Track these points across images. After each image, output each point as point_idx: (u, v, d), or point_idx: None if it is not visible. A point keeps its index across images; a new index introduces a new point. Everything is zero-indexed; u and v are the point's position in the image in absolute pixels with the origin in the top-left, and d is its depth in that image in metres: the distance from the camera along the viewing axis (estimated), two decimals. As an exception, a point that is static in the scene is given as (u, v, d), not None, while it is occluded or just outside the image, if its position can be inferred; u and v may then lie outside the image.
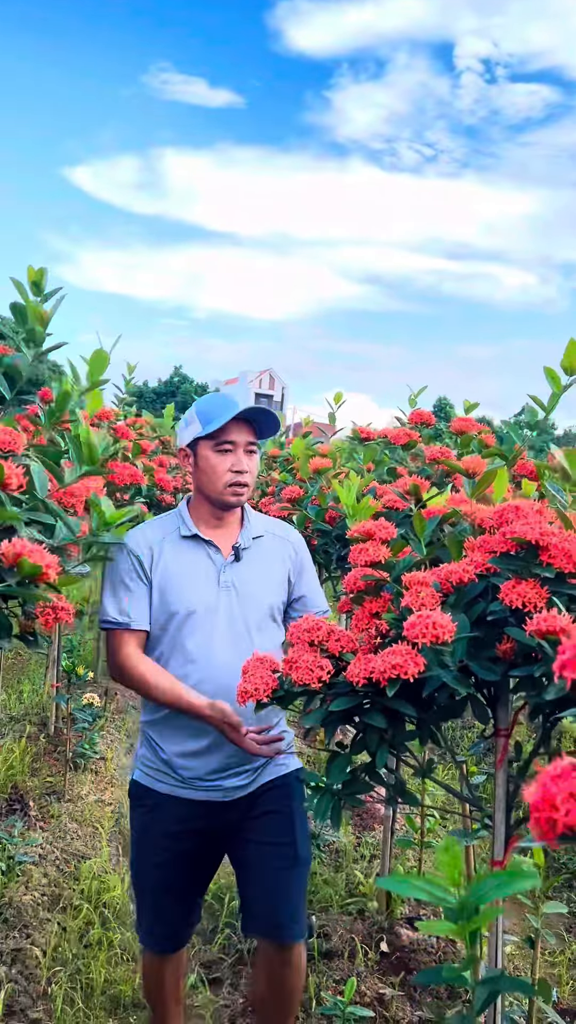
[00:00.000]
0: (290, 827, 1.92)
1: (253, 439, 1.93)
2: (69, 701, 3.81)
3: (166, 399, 36.35)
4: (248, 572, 1.93)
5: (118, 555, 1.95)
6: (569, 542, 1.36)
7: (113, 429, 4.51)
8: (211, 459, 1.91)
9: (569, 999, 2.75)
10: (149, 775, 1.95)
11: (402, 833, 3.25)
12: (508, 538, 1.39)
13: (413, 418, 2.82)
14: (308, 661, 1.51)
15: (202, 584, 1.90)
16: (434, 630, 1.30)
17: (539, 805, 0.63)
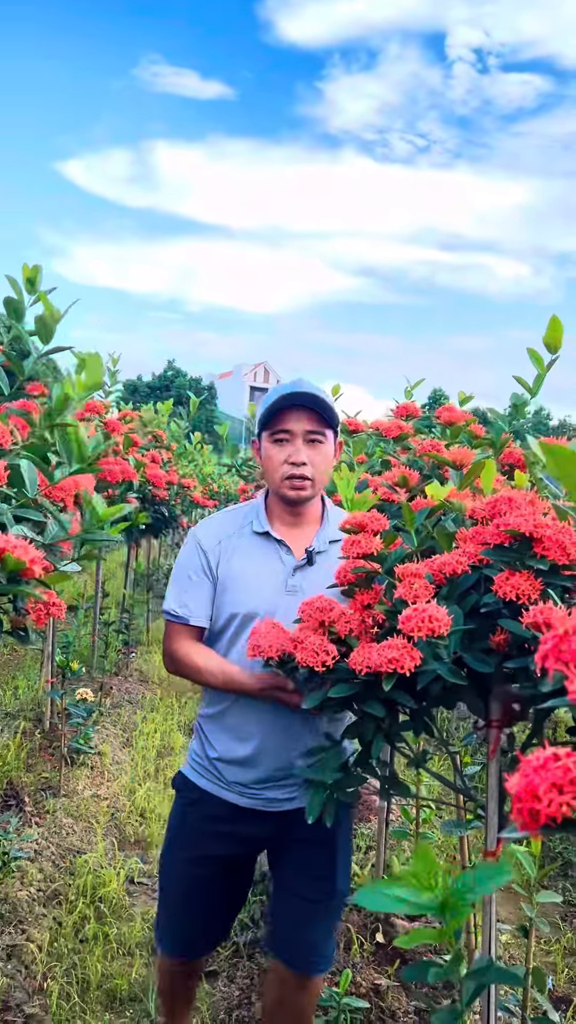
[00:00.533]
0: (331, 859, 1.82)
1: (316, 428, 1.76)
2: (64, 696, 3.81)
3: (160, 393, 36.22)
4: (319, 578, 1.75)
5: (186, 546, 1.87)
6: (563, 534, 1.35)
7: (103, 423, 4.50)
8: (269, 450, 1.79)
9: (564, 987, 2.76)
10: (195, 770, 1.89)
11: (398, 824, 3.26)
12: (502, 530, 1.38)
13: (399, 411, 2.81)
14: (315, 644, 1.50)
15: (267, 587, 1.78)
16: (430, 623, 1.29)
17: (521, 796, 0.62)
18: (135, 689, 5.54)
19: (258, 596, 1.78)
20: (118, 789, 3.86)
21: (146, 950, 2.73)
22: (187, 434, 7.73)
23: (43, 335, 1.94)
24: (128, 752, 4.35)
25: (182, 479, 6.58)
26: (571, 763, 0.64)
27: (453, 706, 1.53)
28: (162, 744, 4.49)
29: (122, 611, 6.20)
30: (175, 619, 1.83)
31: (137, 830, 3.56)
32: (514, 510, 1.44)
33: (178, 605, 1.82)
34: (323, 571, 1.77)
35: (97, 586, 5.57)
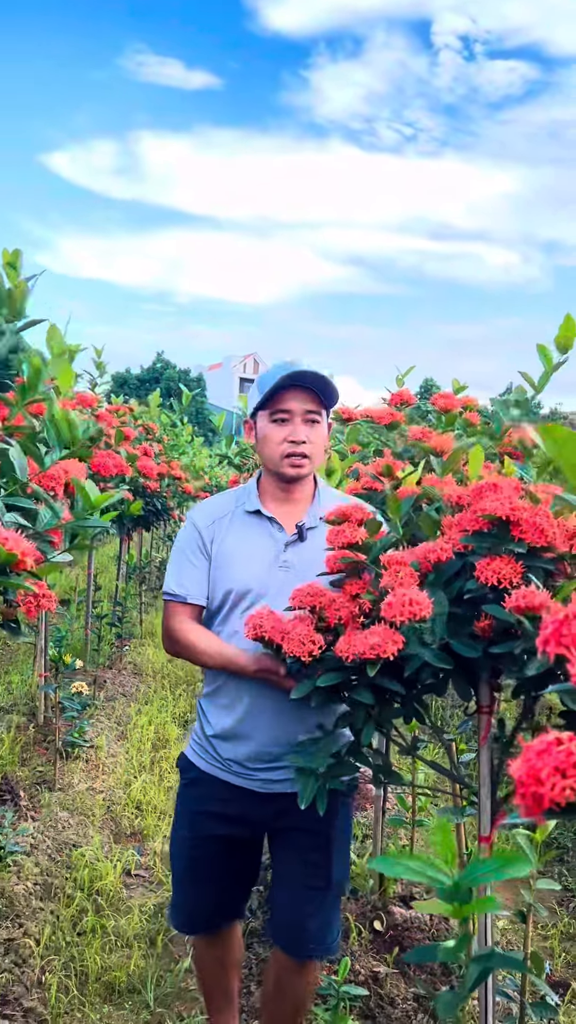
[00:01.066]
0: (327, 848, 1.85)
1: (314, 408, 1.82)
2: (57, 690, 3.80)
3: (149, 385, 36.09)
4: (310, 553, 1.81)
5: (184, 529, 1.92)
6: (540, 516, 1.35)
7: (95, 416, 4.47)
8: (267, 429, 1.83)
9: (562, 972, 2.77)
10: (195, 750, 1.94)
11: (393, 812, 3.26)
12: (479, 515, 1.38)
13: (394, 399, 2.80)
14: (301, 634, 1.50)
15: (260, 562, 1.83)
16: (411, 607, 1.30)
17: (525, 780, 0.62)
18: (129, 682, 5.53)
19: (251, 572, 1.82)
20: (113, 782, 3.85)
21: (144, 942, 2.73)
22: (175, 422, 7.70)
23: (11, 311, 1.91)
24: (123, 745, 4.34)
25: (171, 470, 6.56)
26: (574, 747, 0.63)
27: (443, 693, 1.53)
28: (157, 737, 4.48)
29: (115, 604, 6.18)
30: (173, 598, 1.88)
31: (133, 823, 3.56)
32: (497, 495, 1.43)
33: (176, 585, 1.87)
34: (315, 547, 1.80)
35: (89, 579, 5.55)
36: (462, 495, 1.55)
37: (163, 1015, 2.40)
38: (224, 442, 5.56)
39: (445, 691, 1.53)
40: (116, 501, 4.46)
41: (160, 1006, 2.44)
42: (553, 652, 0.68)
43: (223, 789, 1.87)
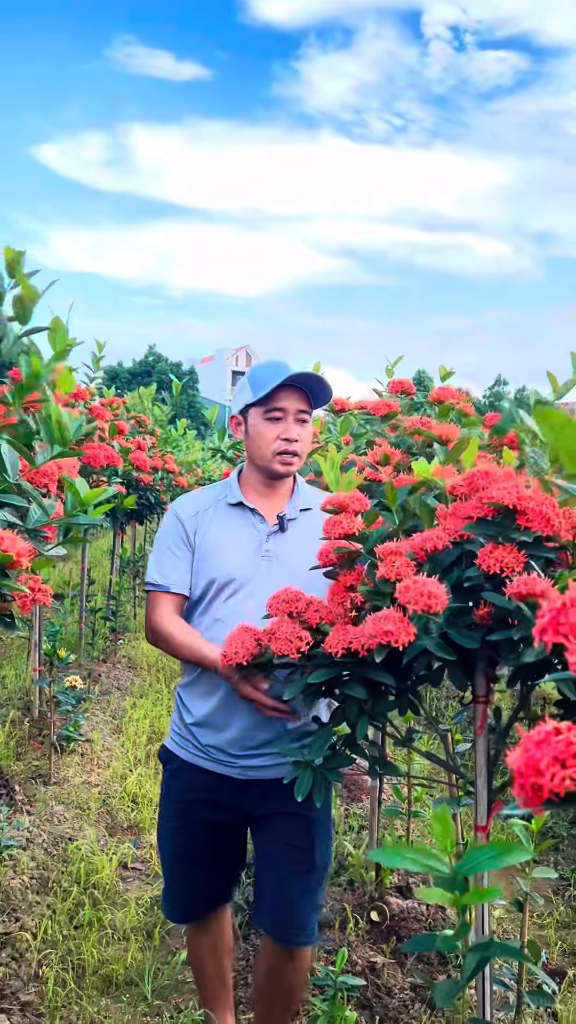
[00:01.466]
0: (309, 832, 1.88)
1: (305, 407, 1.88)
2: (52, 684, 3.79)
3: (141, 379, 35.97)
4: (292, 544, 1.88)
5: (165, 520, 1.96)
6: (546, 505, 1.35)
7: (88, 409, 4.45)
8: (260, 427, 1.87)
9: (558, 960, 2.79)
10: (176, 741, 1.96)
11: (389, 803, 3.27)
12: (485, 503, 1.37)
13: (393, 387, 2.79)
14: (288, 632, 1.50)
15: (242, 552, 1.87)
16: (428, 600, 1.28)
17: (524, 771, 0.61)
18: (124, 676, 5.53)
19: (234, 562, 1.86)
20: (109, 775, 3.85)
21: (141, 934, 2.73)
22: (172, 419, 7.68)
23: (21, 316, 1.90)
24: (118, 739, 4.34)
25: (165, 464, 6.54)
26: (573, 737, 0.62)
27: (438, 683, 1.53)
28: (152, 730, 4.48)
29: (109, 598, 6.17)
30: (155, 588, 1.91)
31: (129, 816, 3.56)
32: (492, 484, 1.43)
33: (158, 575, 1.91)
34: (295, 538, 1.89)
35: (83, 573, 5.53)
36: (455, 484, 1.54)
37: (160, 1007, 2.40)
38: (217, 435, 5.55)
39: (440, 682, 1.52)
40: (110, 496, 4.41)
41: (158, 998, 2.44)
42: (551, 641, 0.68)
43: (205, 777, 1.89)
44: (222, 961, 2.11)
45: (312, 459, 3.01)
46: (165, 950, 2.69)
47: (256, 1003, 2.06)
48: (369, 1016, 2.33)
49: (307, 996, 2.35)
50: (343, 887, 2.95)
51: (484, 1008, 1.51)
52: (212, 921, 2.06)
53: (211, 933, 2.07)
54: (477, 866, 1.04)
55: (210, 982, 2.11)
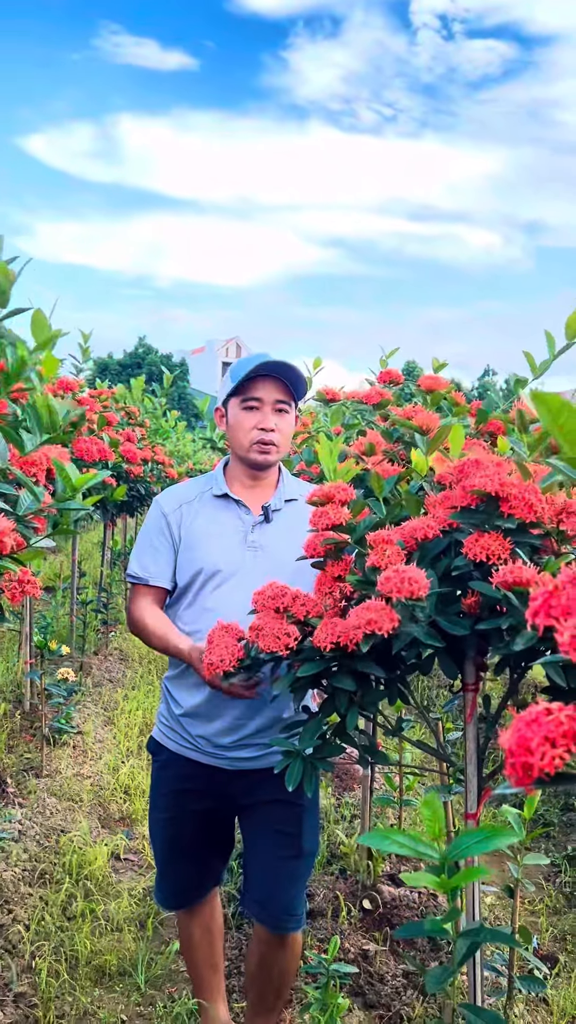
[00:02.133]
0: (297, 819, 1.90)
1: (284, 397, 1.89)
2: (43, 677, 3.78)
3: (131, 370, 35.87)
4: (277, 535, 1.89)
5: (150, 513, 1.97)
6: (529, 492, 1.35)
7: (77, 401, 4.43)
8: (238, 417, 1.89)
9: (549, 946, 2.80)
10: (164, 732, 1.97)
11: (381, 792, 3.28)
12: (468, 491, 1.37)
13: (382, 377, 2.79)
14: (274, 628, 1.49)
15: (228, 543, 1.88)
16: (409, 586, 1.28)
17: (515, 750, 0.61)
18: (115, 668, 5.52)
19: (220, 552, 1.87)
20: (101, 767, 3.85)
21: (134, 925, 2.73)
22: (164, 412, 7.66)
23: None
24: (110, 731, 4.34)
25: (155, 455, 6.52)
26: (563, 716, 0.62)
27: (428, 672, 1.53)
28: (144, 722, 4.48)
29: (100, 590, 6.16)
30: (136, 580, 1.92)
31: (121, 807, 3.56)
32: (481, 472, 1.43)
33: (139, 567, 1.92)
34: (281, 528, 1.91)
35: (73, 566, 5.52)
36: (444, 473, 1.54)
37: (154, 997, 2.40)
38: (209, 426, 5.54)
39: (430, 670, 1.53)
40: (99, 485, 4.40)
41: (151, 988, 2.45)
42: (542, 624, 0.67)
43: (194, 768, 1.91)
44: (214, 944, 2.12)
45: (304, 447, 3.00)
46: (158, 940, 2.69)
47: (248, 991, 2.07)
48: (362, 1003, 2.34)
49: (300, 984, 2.36)
50: (335, 876, 2.96)
51: (476, 994, 1.52)
52: (203, 904, 2.08)
53: (203, 916, 2.09)
54: (466, 850, 1.04)
55: (203, 968, 2.12)
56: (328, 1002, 2.10)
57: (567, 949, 2.78)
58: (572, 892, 3.14)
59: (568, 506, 1.34)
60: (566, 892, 3.15)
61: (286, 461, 3.09)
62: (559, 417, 0.67)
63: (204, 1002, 2.14)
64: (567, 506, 1.34)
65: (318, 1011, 2.09)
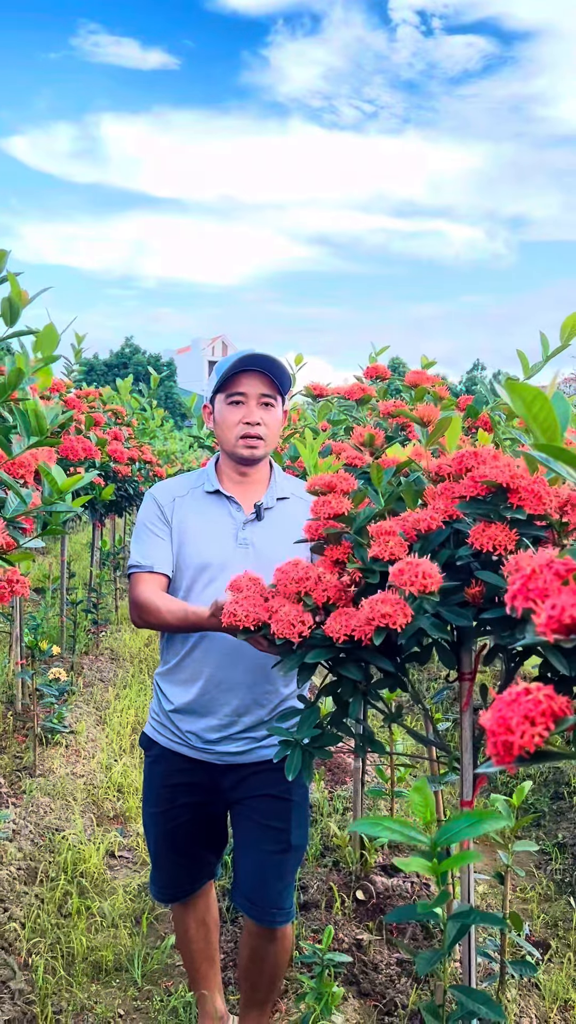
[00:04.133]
0: (287, 813, 1.91)
1: (268, 391, 1.89)
2: (35, 677, 3.78)
3: (118, 371, 35.77)
4: (268, 532, 1.89)
5: (144, 505, 1.96)
6: (538, 484, 1.37)
7: (64, 401, 4.43)
8: (224, 412, 1.89)
9: (541, 932, 2.84)
10: (155, 728, 1.98)
11: (373, 784, 3.31)
12: (480, 482, 1.39)
13: (369, 372, 2.81)
14: (290, 615, 1.49)
15: (219, 540, 1.88)
16: (423, 580, 1.29)
17: (496, 729, 0.63)
18: (107, 667, 5.53)
19: (210, 549, 1.87)
20: (94, 766, 3.86)
21: (129, 921, 2.75)
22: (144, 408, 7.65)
23: (8, 317, 1.90)
24: (103, 730, 4.35)
25: (142, 455, 6.52)
26: (542, 696, 0.65)
27: (426, 662, 1.55)
28: (136, 720, 4.49)
29: (90, 590, 6.16)
30: (139, 569, 1.89)
31: (115, 805, 3.57)
32: (481, 464, 1.45)
33: (141, 556, 1.89)
34: (272, 526, 1.90)
35: (63, 567, 5.52)
36: (443, 464, 1.56)
37: (150, 991, 2.42)
38: (196, 424, 5.54)
39: (428, 660, 1.55)
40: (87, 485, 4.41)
41: (147, 983, 2.46)
42: (520, 606, 0.70)
43: (184, 763, 1.92)
44: (209, 937, 2.14)
45: (290, 444, 3.02)
46: (154, 935, 2.71)
47: (241, 983, 2.09)
48: (356, 992, 2.36)
49: (295, 974, 2.39)
50: (329, 868, 2.98)
51: (469, 979, 1.54)
52: (198, 897, 2.10)
53: (198, 908, 2.10)
54: (456, 835, 1.06)
55: (199, 961, 2.13)
56: (323, 991, 2.12)
57: (558, 935, 2.81)
58: (563, 879, 3.17)
59: (572, 498, 1.36)
60: (556, 879, 3.18)
61: (276, 457, 3.12)
62: (533, 407, 0.69)
63: (200, 994, 2.16)
64: (571, 498, 1.37)
65: (313, 1000, 2.12)
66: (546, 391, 1.18)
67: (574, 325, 2.12)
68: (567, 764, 3.98)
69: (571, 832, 3.46)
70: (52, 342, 1.95)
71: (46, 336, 1.94)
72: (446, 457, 1.61)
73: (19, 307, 1.89)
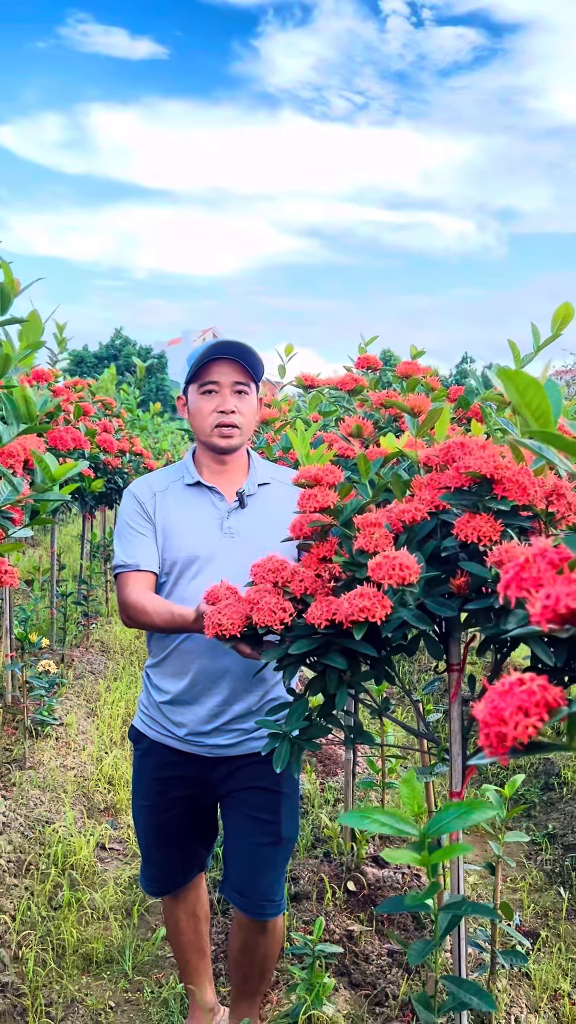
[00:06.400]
0: (277, 805, 1.91)
1: (241, 379, 1.87)
2: (24, 669, 3.77)
3: (108, 363, 35.59)
4: (253, 519, 1.88)
5: (124, 503, 1.94)
6: (522, 475, 1.36)
7: (52, 391, 4.40)
8: (198, 402, 1.87)
9: (531, 922, 2.85)
10: (144, 721, 1.98)
11: (364, 776, 3.31)
12: (463, 473, 1.38)
13: (360, 363, 2.80)
14: (271, 603, 1.49)
15: (204, 531, 1.86)
16: (400, 572, 1.29)
17: (489, 720, 0.62)
18: (97, 660, 5.51)
19: (196, 540, 1.86)
20: (85, 758, 3.85)
21: (120, 913, 2.74)
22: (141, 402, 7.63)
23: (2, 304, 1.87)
24: (93, 722, 4.33)
25: (132, 446, 6.49)
26: (536, 687, 0.64)
27: (413, 653, 1.55)
28: (127, 712, 4.48)
29: (79, 582, 6.14)
30: (125, 568, 1.87)
31: (106, 797, 3.56)
32: (468, 454, 1.44)
33: (126, 556, 1.88)
34: (256, 513, 1.90)
35: (52, 558, 5.49)
36: (430, 455, 1.55)
37: (141, 983, 2.42)
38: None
39: (415, 651, 1.54)
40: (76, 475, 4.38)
41: (138, 974, 2.46)
42: (514, 596, 0.69)
43: (173, 755, 1.92)
44: (200, 929, 2.13)
45: (282, 434, 3.01)
46: (144, 927, 2.71)
47: (232, 974, 2.09)
48: (347, 982, 2.36)
49: (286, 965, 2.39)
50: (320, 859, 2.98)
51: (460, 969, 1.54)
52: (188, 890, 2.09)
53: (188, 901, 2.10)
54: (446, 826, 1.06)
55: (189, 953, 2.13)
56: (314, 982, 2.13)
57: (548, 925, 2.83)
58: (552, 870, 3.18)
59: (558, 488, 1.36)
60: (547, 870, 3.20)
61: (266, 448, 3.10)
62: (526, 394, 0.68)
63: (191, 986, 2.15)
64: (556, 488, 1.36)
65: (304, 991, 2.12)
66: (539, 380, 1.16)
67: (565, 315, 2.11)
68: (557, 755, 3.99)
69: (561, 823, 3.48)
70: (36, 330, 1.93)
71: (30, 324, 1.92)
72: (434, 447, 1.60)
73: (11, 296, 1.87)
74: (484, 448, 1.46)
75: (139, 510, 1.89)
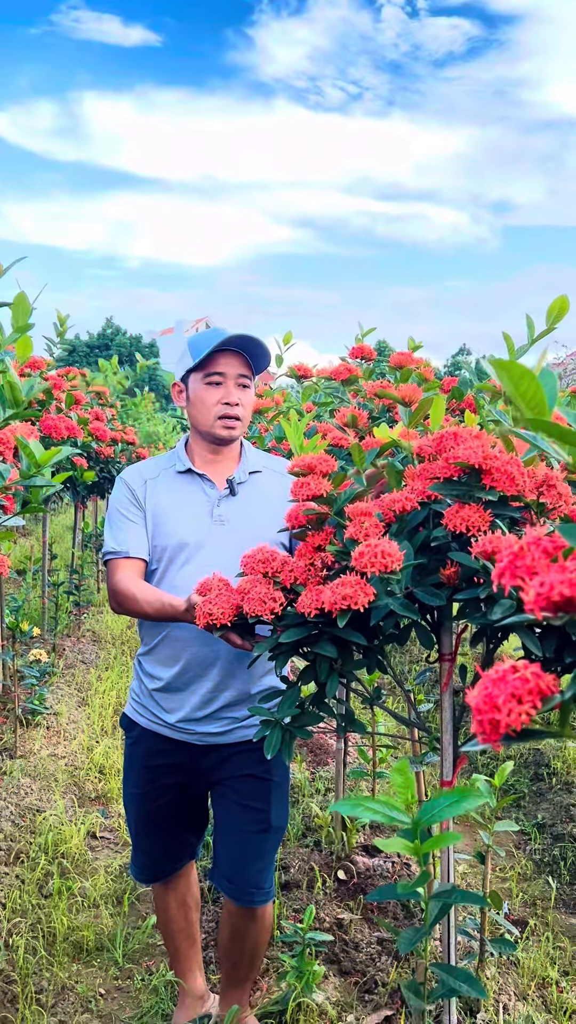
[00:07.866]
0: (267, 793, 1.91)
1: (245, 372, 1.88)
2: (15, 658, 3.76)
3: (100, 352, 35.42)
4: (244, 507, 1.89)
5: (115, 490, 1.94)
6: (511, 465, 1.36)
7: (44, 379, 4.38)
8: (201, 392, 1.87)
9: (520, 911, 2.87)
10: (135, 709, 1.98)
11: (355, 765, 3.32)
12: (452, 463, 1.38)
13: (354, 352, 2.79)
14: (261, 593, 1.50)
15: (194, 518, 1.87)
16: (383, 559, 1.29)
17: (482, 707, 0.62)
18: (88, 649, 5.51)
19: (186, 527, 1.86)
20: (76, 747, 3.85)
21: (110, 901, 2.75)
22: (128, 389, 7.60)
23: None
24: (84, 711, 4.33)
25: (125, 436, 6.47)
26: (529, 674, 0.64)
27: (404, 642, 1.55)
28: (118, 702, 4.48)
29: (71, 572, 6.13)
30: (115, 555, 1.87)
31: (97, 786, 3.56)
32: (460, 444, 1.44)
33: (115, 543, 1.88)
34: (246, 501, 1.90)
35: (44, 548, 5.48)
36: (423, 445, 1.55)
37: (131, 971, 2.43)
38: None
39: (407, 640, 1.55)
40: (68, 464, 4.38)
41: (128, 962, 2.47)
42: (508, 584, 0.69)
43: (164, 743, 1.92)
44: (190, 916, 2.14)
45: (275, 424, 3.00)
46: (135, 915, 2.71)
47: (222, 962, 2.10)
48: (337, 970, 2.38)
49: (276, 953, 2.40)
50: (310, 848, 2.99)
51: (449, 957, 1.55)
52: (179, 878, 2.10)
53: (178, 889, 2.10)
54: (437, 814, 1.06)
55: (179, 941, 2.13)
56: (304, 970, 2.14)
57: (536, 914, 2.84)
58: (541, 859, 3.20)
59: (548, 478, 1.36)
60: (535, 859, 3.21)
61: (259, 438, 3.10)
62: (520, 384, 0.68)
63: (181, 974, 2.16)
64: (547, 478, 1.36)
65: (294, 979, 2.13)
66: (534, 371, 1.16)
67: (561, 308, 2.11)
68: (547, 746, 4.01)
69: (550, 813, 3.50)
70: (25, 312, 1.91)
71: (17, 306, 1.90)
72: (427, 437, 1.60)
73: (-6, 281, 1.86)
74: (479, 438, 1.46)
75: (130, 497, 1.89)
